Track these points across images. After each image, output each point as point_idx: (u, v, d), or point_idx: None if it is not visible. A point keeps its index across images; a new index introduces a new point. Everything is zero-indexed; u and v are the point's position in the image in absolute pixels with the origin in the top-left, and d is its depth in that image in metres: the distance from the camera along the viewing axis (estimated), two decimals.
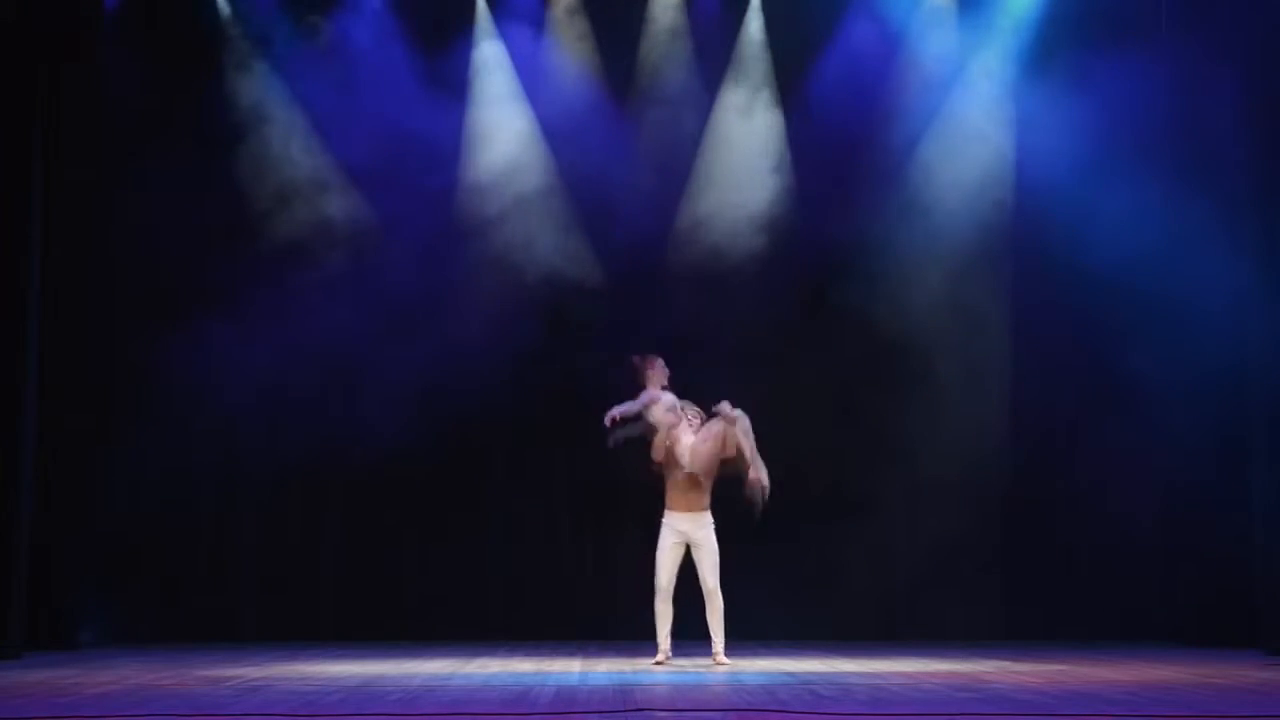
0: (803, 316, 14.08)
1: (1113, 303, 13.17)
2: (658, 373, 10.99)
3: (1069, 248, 13.24)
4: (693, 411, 10.99)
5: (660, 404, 10.87)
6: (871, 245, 13.90)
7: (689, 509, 10.82)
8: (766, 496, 10.68)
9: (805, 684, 9.00)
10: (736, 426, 10.70)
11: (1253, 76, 12.21)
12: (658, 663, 10.66)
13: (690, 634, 11.12)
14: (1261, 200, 12.09)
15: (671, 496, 10.88)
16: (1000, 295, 14.13)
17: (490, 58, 14.10)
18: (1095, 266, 13.06)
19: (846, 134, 13.79)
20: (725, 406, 10.77)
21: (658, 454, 10.84)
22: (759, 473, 10.69)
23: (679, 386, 11.10)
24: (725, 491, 10.86)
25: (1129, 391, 13.27)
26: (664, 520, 10.93)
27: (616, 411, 10.73)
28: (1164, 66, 13.04)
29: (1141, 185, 12.97)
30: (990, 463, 13.97)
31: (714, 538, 10.86)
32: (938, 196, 13.90)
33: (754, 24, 14.20)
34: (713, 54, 14.21)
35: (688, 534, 10.85)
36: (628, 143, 14.01)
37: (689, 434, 10.88)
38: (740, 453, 10.70)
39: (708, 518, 10.86)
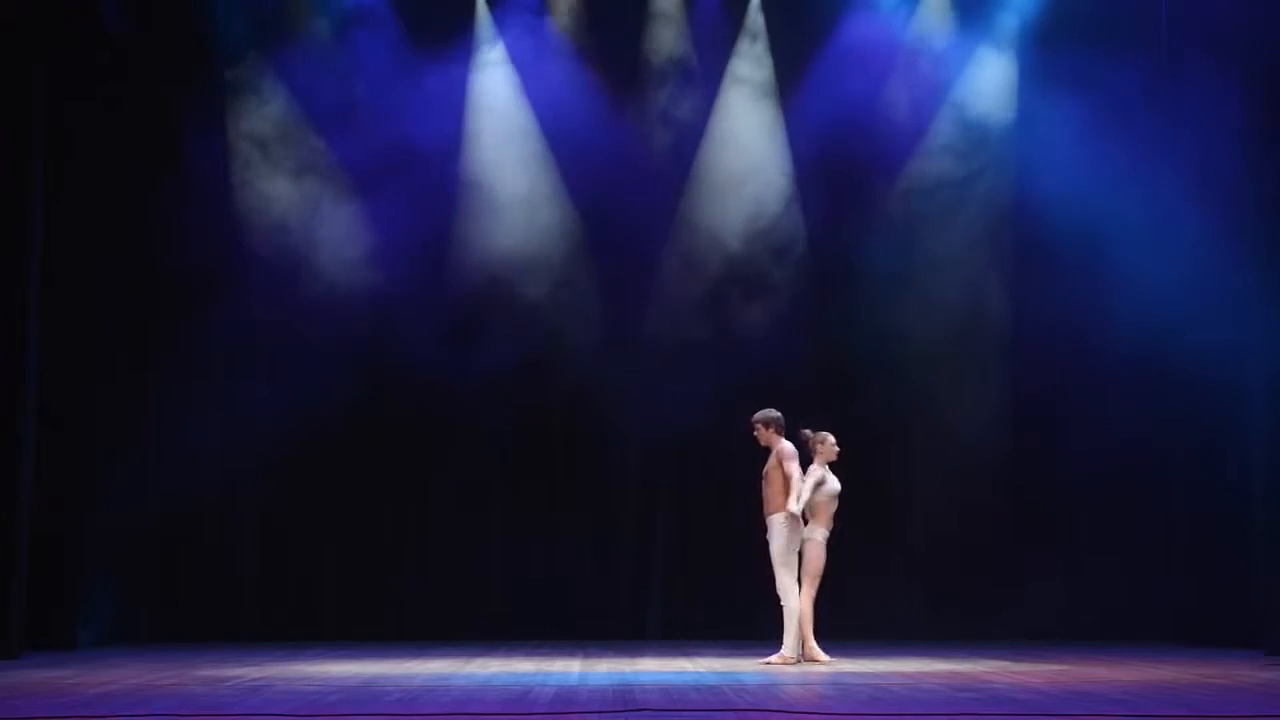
0: (803, 315, 14.08)
1: (1113, 303, 13.14)
2: (825, 450, 11.03)
3: (1070, 246, 13.24)
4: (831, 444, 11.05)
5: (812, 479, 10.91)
6: (872, 243, 13.91)
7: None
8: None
9: (805, 684, 9.01)
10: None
11: (1253, 77, 12.21)
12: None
13: (692, 635, 11.10)
14: (1262, 198, 12.09)
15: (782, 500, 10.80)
16: (1001, 294, 14.12)
17: (490, 57, 14.11)
18: (1096, 265, 13.07)
19: (847, 133, 13.79)
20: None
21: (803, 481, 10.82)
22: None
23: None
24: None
25: (1130, 394, 13.28)
26: (791, 525, 10.77)
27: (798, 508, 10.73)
28: (1164, 67, 13.02)
29: (1142, 184, 12.97)
30: (990, 464, 13.97)
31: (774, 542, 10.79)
32: (939, 195, 13.91)
33: (755, 23, 14.19)
34: (713, 53, 14.21)
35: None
36: (628, 142, 14.00)
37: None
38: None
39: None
